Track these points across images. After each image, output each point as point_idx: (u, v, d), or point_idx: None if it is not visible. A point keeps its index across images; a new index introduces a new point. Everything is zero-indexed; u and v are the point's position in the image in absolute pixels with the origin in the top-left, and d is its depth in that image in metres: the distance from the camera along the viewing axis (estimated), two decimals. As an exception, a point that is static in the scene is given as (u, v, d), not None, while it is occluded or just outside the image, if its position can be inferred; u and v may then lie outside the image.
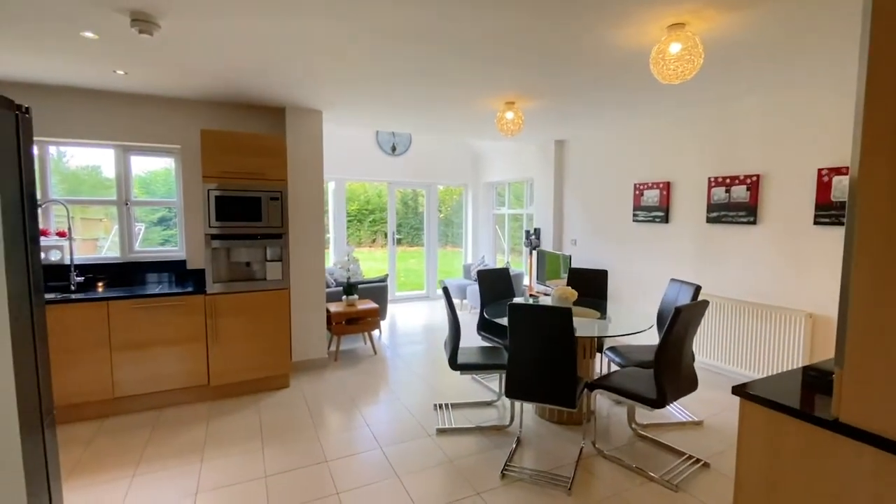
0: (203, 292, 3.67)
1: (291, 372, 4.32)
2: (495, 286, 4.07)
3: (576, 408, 2.57)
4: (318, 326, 4.49)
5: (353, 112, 4.53)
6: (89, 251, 4.14)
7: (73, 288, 3.73)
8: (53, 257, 3.83)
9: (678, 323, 2.50)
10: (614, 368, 3.83)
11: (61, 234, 3.89)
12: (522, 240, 6.75)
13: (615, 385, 2.77)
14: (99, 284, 3.86)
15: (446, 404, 3.62)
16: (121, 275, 4.02)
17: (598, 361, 4.18)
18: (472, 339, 5.06)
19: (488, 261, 7.43)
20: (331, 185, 7.11)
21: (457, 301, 7.33)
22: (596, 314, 3.46)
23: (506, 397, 2.72)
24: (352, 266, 4.84)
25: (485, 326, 3.97)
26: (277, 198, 3.90)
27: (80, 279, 3.83)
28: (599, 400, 3.63)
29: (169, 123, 4.08)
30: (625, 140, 5.11)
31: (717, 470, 2.71)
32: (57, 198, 3.88)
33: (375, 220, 10.46)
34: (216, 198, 3.70)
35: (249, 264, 3.90)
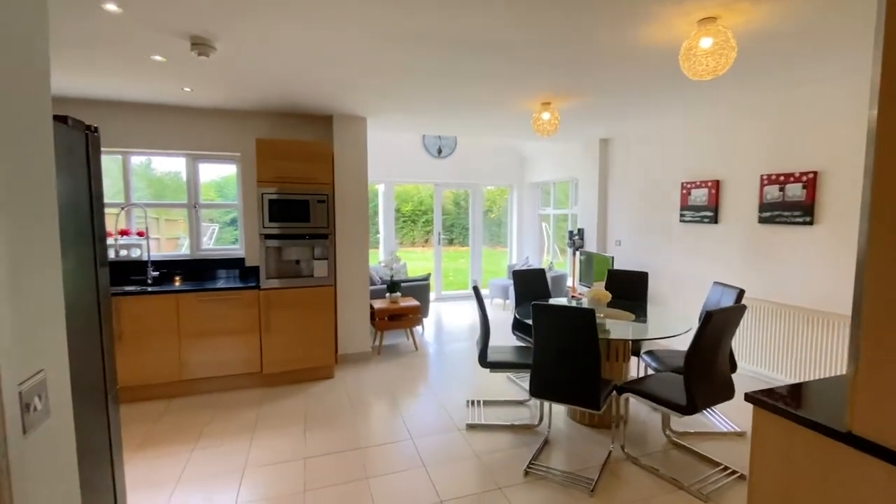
0: (257, 287, 4.01)
1: (337, 364, 4.58)
2: (530, 286, 4.08)
3: (600, 409, 2.56)
4: (362, 321, 4.73)
5: (396, 118, 4.72)
6: (171, 249, 4.64)
7: (150, 281, 4.21)
8: (134, 254, 4.34)
9: (709, 327, 2.42)
10: (651, 373, 3.71)
11: (140, 234, 4.40)
12: (563, 241, 6.65)
13: (644, 389, 2.72)
14: (176, 278, 4.32)
15: (478, 401, 3.69)
16: (190, 270, 4.47)
17: (636, 365, 4.06)
18: (509, 339, 5.09)
19: (533, 261, 7.39)
20: (380, 188, 7.40)
21: (500, 301, 7.36)
22: (630, 316, 3.39)
23: (530, 396, 2.75)
24: (395, 265, 5.04)
25: (519, 326, 4.00)
26: (324, 200, 4.16)
27: (156, 274, 4.31)
28: (636, 405, 3.55)
29: (230, 133, 4.48)
30: (671, 137, 4.91)
31: (755, 483, 2.58)
32: (136, 202, 4.39)
33: (429, 221, 10.70)
34: (269, 201, 4.02)
35: (298, 262, 4.20)
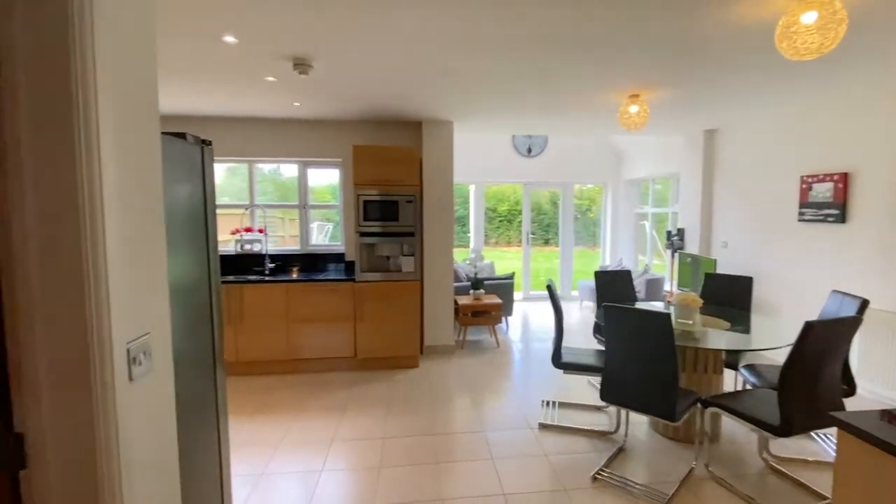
0: (353, 280, 4.42)
1: (422, 355, 4.85)
2: (614, 289, 3.91)
3: (676, 421, 2.41)
4: (447, 316, 4.93)
5: (482, 119, 4.84)
6: (292, 244, 5.29)
7: (267, 272, 4.85)
8: (256, 248, 5.04)
9: (809, 340, 2.15)
10: (748, 388, 3.34)
11: (261, 231, 5.09)
12: (664, 241, 6.18)
13: (732, 404, 2.49)
14: (294, 269, 4.91)
15: (554, 402, 3.66)
16: (300, 263, 5.06)
17: (733, 379, 3.67)
18: (593, 342, 4.91)
19: (626, 263, 6.98)
20: (471, 188, 7.58)
21: (589, 303, 7.09)
22: (725, 325, 3.10)
23: (600, 400, 2.68)
24: (478, 263, 5.16)
25: (600, 329, 3.86)
26: (411, 200, 4.44)
27: (272, 265, 4.95)
28: (729, 423, 3.23)
29: (333, 141, 4.98)
30: (788, 126, 4.30)
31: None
32: (258, 203, 5.09)
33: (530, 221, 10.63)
34: (364, 201, 4.41)
35: (389, 258, 4.53)
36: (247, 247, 4.97)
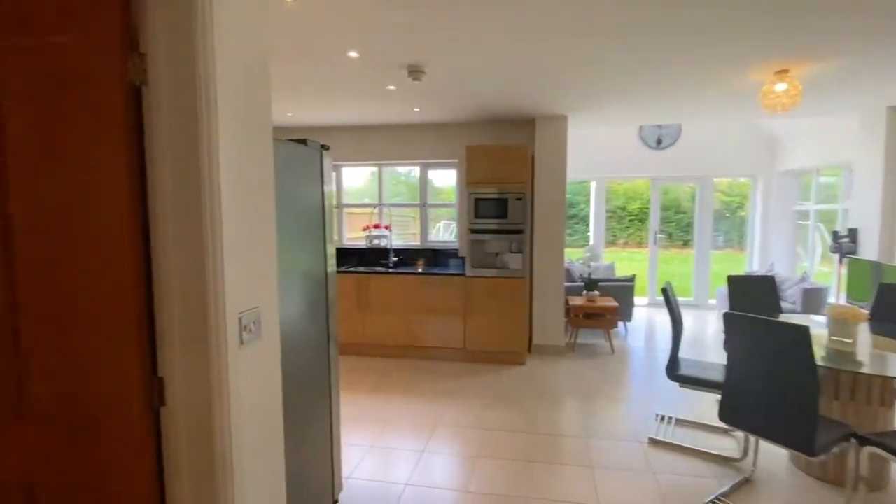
0: (463, 275, 4.59)
1: (530, 353, 4.81)
2: (752, 297, 3.40)
3: (815, 456, 2.04)
4: (556, 316, 4.81)
5: (597, 111, 4.60)
6: (417, 240, 5.67)
7: (391, 265, 5.28)
8: (382, 243, 5.51)
9: None
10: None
11: (387, 227, 5.56)
12: (830, 244, 5.11)
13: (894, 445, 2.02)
14: (419, 262, 5.28)
15: (671, 417, 3.34)
16: (420, 257, 5.39)
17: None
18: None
19: (779, 269, 5.93)
20: (592, 185, 7.22)
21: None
22: (900, 348, 2.50)
23: (719, 420, 2.38)
24: (593, 263, 4.92)
25: (732, 342, 3.40)
26: (521, 198, 4.43)
27: (395, 259, 5.36)
28: (907, 470, 2.60)
29: (450, 142, 5.21)
30: None
31: None
32: (385, 202, 5.57)
33: (659, 220, 9.77)
34: (475, 199, 4.54)
35: (497, 254, 4.60)
36: (375, 242, 5.47)
